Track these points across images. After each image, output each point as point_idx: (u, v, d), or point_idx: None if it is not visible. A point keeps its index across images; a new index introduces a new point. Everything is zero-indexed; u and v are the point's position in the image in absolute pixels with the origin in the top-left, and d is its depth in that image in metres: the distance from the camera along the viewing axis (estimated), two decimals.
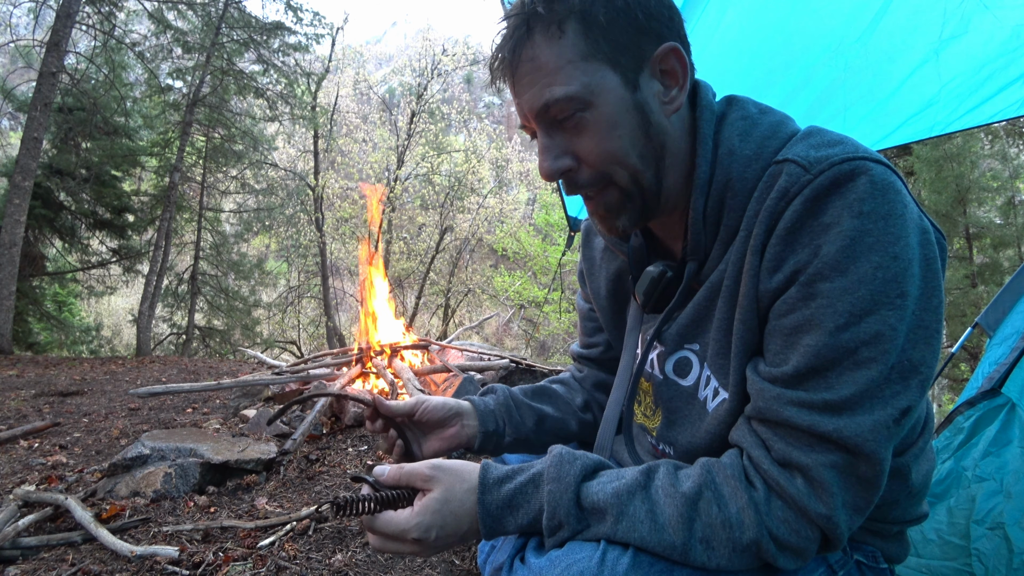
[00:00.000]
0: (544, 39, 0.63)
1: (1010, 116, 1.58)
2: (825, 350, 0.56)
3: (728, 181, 0.66)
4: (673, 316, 0.75)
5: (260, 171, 12.90)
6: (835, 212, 0.56)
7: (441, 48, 14.53)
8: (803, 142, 0.63)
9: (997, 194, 9.92)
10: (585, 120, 0.64)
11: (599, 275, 0.92)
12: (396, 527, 0.62)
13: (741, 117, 0.69)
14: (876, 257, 0.54)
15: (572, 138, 0.66)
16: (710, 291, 0.69)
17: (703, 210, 0.67)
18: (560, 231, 13.73)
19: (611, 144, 0.65)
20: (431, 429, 0.89)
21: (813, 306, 0.57)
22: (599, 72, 0.64)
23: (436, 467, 0.65)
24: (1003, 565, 1.19)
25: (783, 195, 0.59)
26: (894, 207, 0.55)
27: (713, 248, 0.69)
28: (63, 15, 7.37)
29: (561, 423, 0.97)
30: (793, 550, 0.58)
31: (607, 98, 0.64)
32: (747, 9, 1.76)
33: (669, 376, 0.78)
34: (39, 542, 1.59)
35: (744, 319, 0.64)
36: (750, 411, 0.63)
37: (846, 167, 0.56)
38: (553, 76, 0.63)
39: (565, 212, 2.74)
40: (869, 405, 0.55)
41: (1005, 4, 1.44)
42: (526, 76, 0.65)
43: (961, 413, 1.46)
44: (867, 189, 0.55)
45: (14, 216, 7.04)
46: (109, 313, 16.61)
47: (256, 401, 3.17)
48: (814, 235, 0.57)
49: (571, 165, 0.67)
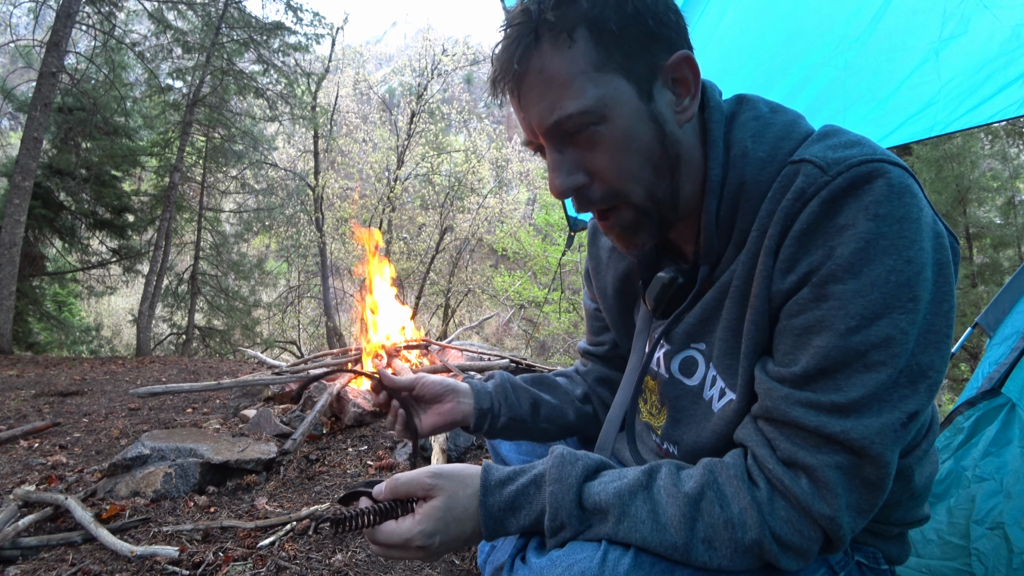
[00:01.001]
0: (553, 48, 0.60)
1: (1010, 116, 1.58)
2: (835, 352, 0.56)
3: (742, 184, 0.65)
4: (682, 316, 0.74)
5: (260, 171, 12.90)
6: (851, 214, 0.55)
7: (441, 48, 14.52)
8: (820, 143, 0.61)
9: (997, 194, 9.92)
10: (599, 134, 0.62)
11: (606, 275, 0.91)
12: (399, 537, 0.62)
13: (753, 117, 0.67)
14: (890, 260, 0.54)
15: (584, 153, 0.63)
16: (719, 292, 0.69)
17: (716, 213, 0.66)
18: (560, 231, 13.71)
19: (626, 159, 0.63)
20: (429, 404, 0.92)
21: (825, 307, 0.56)
22: (612, 83, 0.61)
23: (437, 475, 0.64)
24: (1003, 565, 1.19)
25: (799, 196, 0.59)
26: (910, 210, 0.55)
27: (726, 251, 0.68)
28: (63, 15, 7.37)
29: (558, 411, 0.98)
30: (796, 550, 0.58)
31: (622, 111, 0.61)
32: (747, 9, 1.76)
33: (675, 375, 0.77)
34: (39, 542, 1.59)
35: (755, 319, 0.63)
36: (757, 410, 0.63)
37: (864, 169, 0.56)
38: (564, 89, 0.60)
39: (565, 212, 2.74)
40: (877, 408, 0.55)
41: (1005, 4, 1.44)
42: (534, 89, 0.61)
43: (961, 413, 1.46)
44: (884, 192, 0.55)
45: (14, 216, 7.04)
46: (109, 313, 16.61)
47: (256, 401, 3.17)
48: (829, 237, 0.56)
49: (584, 181, 0.65)
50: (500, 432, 0.94)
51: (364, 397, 2.78)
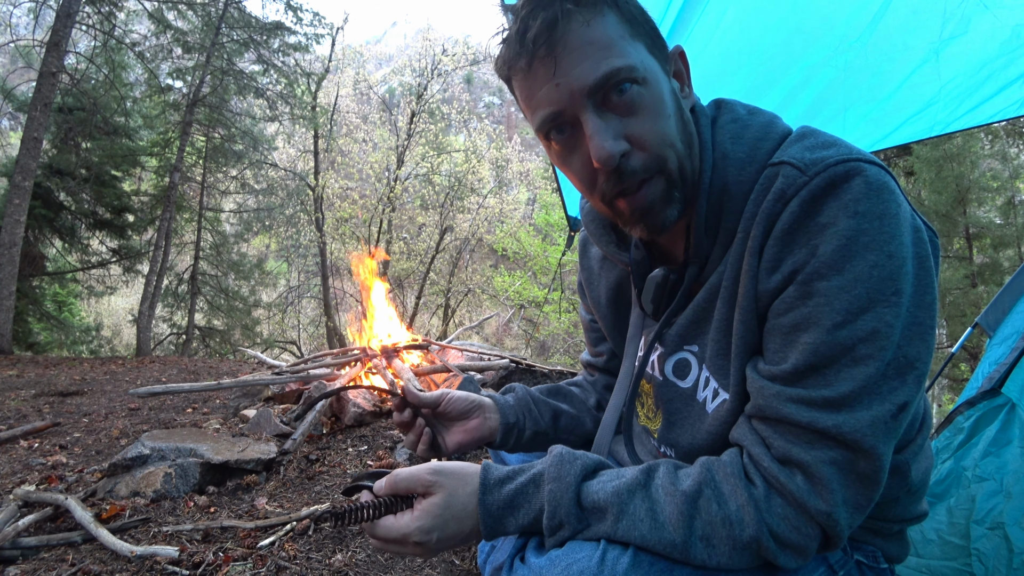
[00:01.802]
0: (585, 20, 0.60)
1: (1010, 116, 1.58)
2: (823, 347, 0.56)
3: (724, 185, 0.66)
4: (673, 318, 0.75)
5: (260, 171, 12.89)
6: (831, 212, 0.56)
7: (441, 48, 14.52)
8: (797, 144, 0.63)
9: (997, 194, 9.92)
10: (641, 96, 0.62)
11: (599, 285, 0.92)
12: (397, 532, 0.63)
13: (731, 120, 0.69)
14: (872, 256, 0.55)
15: (625, 119, 0.62)
16: (709, 293, 0.70)
17: (704, 213, 0.68)
18: (560, 231, 13.71)
19: (665, 124, 0.63)
20: (454, 421, 0.89)
21: (811, 304, 0.57)
22: (643, 52, 0.63)
23: (437, 471, 0.65)
24: (1003, 565, 1.19)
25: (780, 197, 0.60)
26: (888, 207, 0.56)
27: (712, 251, 0.69)
28: (63, 15, 7.37)
29: (577, 420, 0.98)
30: (794, 548, 0.58)
31: (656, 77, 0.63)
32: (747, 9, 1.76)
33: (668, 378, 0.78)
34: (39, 542, 1.59)
35: (744, 319, 0.64)
36: (750, 409, 0.64)
37: (841, 168, 0.57)
38: (608, 50, 0.60)
39: (565, 212, 2.74)
40: (867, 401, 0.56)
41: (1005, 4, 1.44)
42: (574, 51, 0.60)
43: (961, 413, 1.46)
44: (862, 189, 0.56)
45: (14, 216, 7.05)
46: (109, 313, 16.60)
47: (256, 401, 3.17)
48: (811, 235, 0.57)
49: (627, 148, 0.62)
50: (524, 446, 0.93)
51: (364, 397, 2.78)
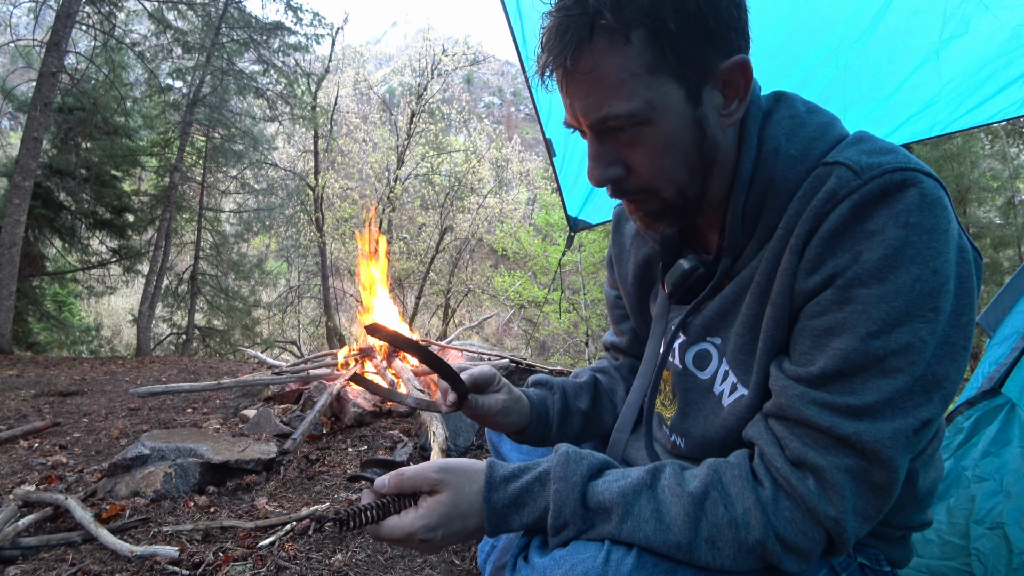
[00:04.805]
0: (608, 46, 0.59)
1: (1010, 116, 1.58)
2: (854, 355, 0.56)
3: (771, 180, 0.65)
4: (700, 308, 0.75)
5: (260, 171, 12.91)
6: (881, 220, 0.56)
7: (441, 48, 14.52)
8: (854, 147, 0.61)
9: (997, 194, 9.94)
10: (642, 134, 0.62)
11: (627, 261, 0.92)
12: (401, 532, 0.62)
13: (789, 116, 0.68)
14: (916, 269, 0.54)
15: (625, 148, 0.64)
16: (739, 287, 0.69)
17: (743, 207, 0.67)
18: (560, 231, 13.70)
19: (665, 161, 0.64)
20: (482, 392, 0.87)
21: (847, 310, 0.57)
22: (663, 87, 0.61)
23: (443, 469, 0.65)
24: (1003, 565, 1.19)
25: (831, 197, 0.59)
26: (939, 222, 0.55)
27: (748, 245, 0.68)
28: (63, 15, 7.37)
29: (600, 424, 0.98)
30: (799, 552, 0.58)
31: (668, 116, 0.62)
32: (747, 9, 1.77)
33: (688, 367, 0.78)
34: (39, 542, 1.59)
35: (775, 316, 0.63)
36: (770, 408, 0.63)
37: (898, 176, 0.56)
38: (615, 90, 0.60)
39: (565, 212, 2.74)
40: (891, 414, 0.55)
41: (1005, 4, 1.44)
42: (584, 84, 0.61)
43: (961, 413, 1.46)
44: (916, 201, 0.55)
45: (14, 216, 7.04)
46: (109, 313, 16.61)
47: (256, 401, 3.17)
48: (856, 240, 0.57)
49: (621, 174, 0.66)
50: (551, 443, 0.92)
51: (364, 397, 2.78)
